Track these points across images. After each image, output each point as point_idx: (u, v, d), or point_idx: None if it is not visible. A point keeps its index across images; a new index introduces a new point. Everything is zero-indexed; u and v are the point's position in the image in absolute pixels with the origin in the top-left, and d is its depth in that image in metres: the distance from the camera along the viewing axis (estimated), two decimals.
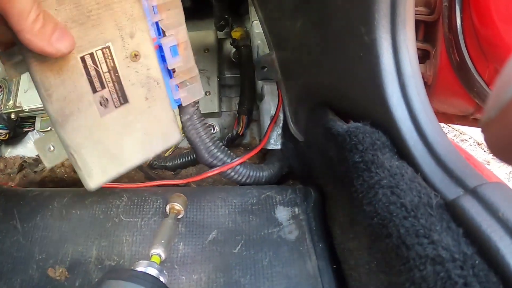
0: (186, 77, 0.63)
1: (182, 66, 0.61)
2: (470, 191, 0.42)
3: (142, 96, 0.59)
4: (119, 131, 0.59)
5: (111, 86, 0.56)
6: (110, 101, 0.56)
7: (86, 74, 0.53)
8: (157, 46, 0.58)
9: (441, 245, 0.39)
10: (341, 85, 0.65)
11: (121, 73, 0.56)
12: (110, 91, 0.56)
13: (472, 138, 2.53)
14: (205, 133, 0.72)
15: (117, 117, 0.58)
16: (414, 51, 0.54)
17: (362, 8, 0.55)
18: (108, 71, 0.55)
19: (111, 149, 0.59)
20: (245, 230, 0.69)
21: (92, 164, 0.58)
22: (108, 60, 0.54)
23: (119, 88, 0.56)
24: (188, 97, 0.65)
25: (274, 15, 0.91)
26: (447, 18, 0.74)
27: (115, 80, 0.56)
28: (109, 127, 0.58)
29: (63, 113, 0.53)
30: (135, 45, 0.55)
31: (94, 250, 0.66)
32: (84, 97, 0.54)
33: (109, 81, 0.55)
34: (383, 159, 0.51)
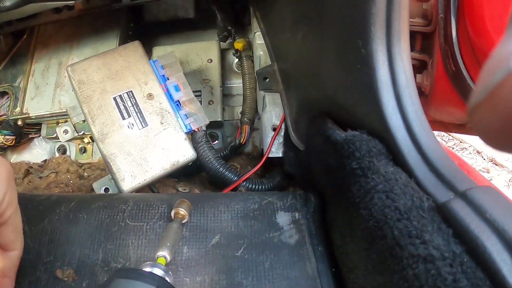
0: (191, 108, 0.87)
1: (184, 97, 0.87)
2: (460, 194, 0.45)
3: (158, 121, 0.85)
4: (143, 146, 0.83)
5: (135, 115, 0.84)
6: (135, 125, 0.84)
7: (117, 108, 0.84)
8: (166, 90, 0.88)
9: (432, 245, 0.41)
10: (340, 96, 0.67)
11: (141, 106, 0.85)
12: (134, 118, 0.84)
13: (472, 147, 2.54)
14: (213, 155, 0.88)
15: (141, 136, 0.84)
16: (408, 62, 0.56)
17: (359, 22, 0.57)
18: (132, 105, 0.85)
19: (137, 160, 0.83)
20: (247, 234, 0.70)
21: (124, 171, 0.82)
22: (132, 99, 0.85)
23: (140, 117, 0.85)
24: (195, 123, 0.86)
25: (275, 27, 0.93)
26: (443, 29, 0.76)
27: (137, 111, 0.85)
28: (136, 142, 0.83)
29: (102, 132, 0.83)
30: (149, 88, 0.87)
31: (101, 252, 0.67)
32: (117, 122, 0.83)
33: (133, 112, 0.85)
34: (378, 165, 0.53)
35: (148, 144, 0.84)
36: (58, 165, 1.09)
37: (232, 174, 0.88)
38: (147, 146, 0.84)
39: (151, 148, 0.84)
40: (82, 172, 1.06)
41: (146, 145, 0.84)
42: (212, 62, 1.12)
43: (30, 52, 1.13)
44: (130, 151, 0.83)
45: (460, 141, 2.58)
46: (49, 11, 1.04)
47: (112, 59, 0.88)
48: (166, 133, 0.85)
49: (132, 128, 0.84)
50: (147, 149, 0.84)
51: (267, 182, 0.91)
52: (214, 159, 0.87)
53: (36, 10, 0.93)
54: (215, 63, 1.12)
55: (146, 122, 0.85)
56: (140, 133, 0.84)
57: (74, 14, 1.07)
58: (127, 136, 0.83)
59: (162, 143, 0.84)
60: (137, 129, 0.84)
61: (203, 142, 0.87)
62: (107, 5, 1.06)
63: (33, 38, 1.14)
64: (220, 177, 0.87)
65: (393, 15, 0.54)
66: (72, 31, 1.14)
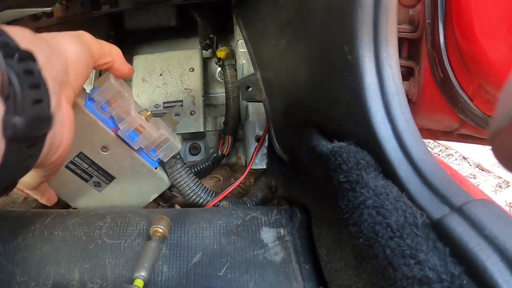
0: (154, 145, 0.75)
1: (145, 142, 0.72)
2: (456, 209, 0.42)
3: (124, 169, 0.76)
4: (119, 195, 0.80)
5: (96, 174, 0.75)
6: (101, 182, 0.77)
7: (74, 173, 0.75)
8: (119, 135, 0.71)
9: (427, 266, 0.38)
10: (326, 104, 0.65)
11: (99, 163, 0.74)
12: (98, 176, 0.76)
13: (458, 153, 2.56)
14: (189, 178, 0.82)
15: (112, 188, 0.78)
16: (397, 69, 0.54)
17: (345, 27, 0.55)
18: (89, 166, 0.74)
19: (117, 204, 0.81)
20: (230, 252, 0.68)
21: None
22: (86, 159, 0.73)
23: (103, 173, 0.76)
24: (166, 155, 0.77)
25: (258, 34, 0.91)
26: (430, 35, 0.74)
27: (97, 169, 0.75)
28: (110, 195, 0.79)
29: (73, 196, 0.79)
30: (99, 141, 0.71)
31: (77, 272, 0.65)
32: (82, 186, 0.77)
33: (93, 171, 0.75)
34: (368, 178, 0.50)
35: (122, 192, 0.80)
36: None
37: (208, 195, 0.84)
38: (122, 193, 0.80)
39: (126, 194, 0.81)
40: None
41: (121, 194, 0.80)
42: (194, 71, 1.10)
43: None
44: (108, 202, 0.81)
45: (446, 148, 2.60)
46: (27, 18, 1.02)
47: None
48: (137, 177, 0.78)
49: (100, 186, 0.78)
50: (123, 195, 0.81)
51: (249, 201, 0.87)
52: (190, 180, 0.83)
53: (13, 16, 0.91)
54: (197, 72, 1.10)
55: (111, 175, 0.77)
56: (110, 187, 0.78)
57: (53, 21, 1.05)
58: (98, 194, 0.79)
59: (136, 186, 0.80)
60: (105, 185, 0.78)
61: (178, 167, 0.82)
62: (86, 12, 1.05)
63: None
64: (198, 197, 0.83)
65: (380, 20, 0.53)
66: None
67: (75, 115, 0.57)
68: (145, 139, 0.70)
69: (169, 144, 0.74)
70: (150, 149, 0.74)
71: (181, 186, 0.81)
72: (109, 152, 0.72)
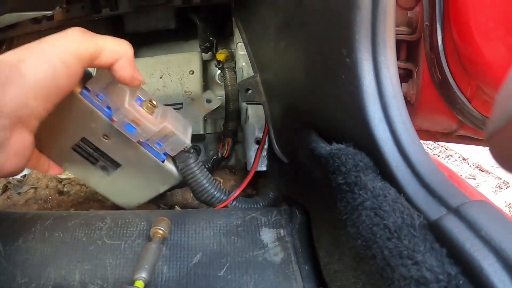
0: (158, 138, 0.71)
1: (144, 135, 0.68)
2: (453, 210, 0.42)
3: (129, 158, 0.74)
4: (128, 182, 0.78)
5: (101, 159, 0.74)
6: (108, 167, 0.75)
7: (81, 156, 0.73)
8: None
9: (425, 266, 0.38)
10: (324, 107, 0.65)
11: (103, 149, 0.72)
12: (103, 161, 0.74)
13: (458, 154, 2.55)
14: (202, 174, 0.78)
15: (120, 174, 0.76)
16: (395, 71, 0.55)
17: (343, 30, 0.55)
18: (93, 151, 0.72)
19: (126, 191, 0.81)
20: (230, 253, 0.68)
21: (118, 201, 0.83)
22: (90, 144, 0.71)
23: (107, 159, 0.74)
24: (172, 149, 0.73)
25: (257, 37, 0.91)
26: (428, 37, 0.75)
27: (101, 154, 0.73)
28: (119, 181, 0.78)
29: (84, 175, 0.78)
30: (101, 130, 0.69)
31: (77, 273, 0.65)
32: (91, 168, 0.75)
33: (98, 156, 0.73)
34: (366, 180, 0.50)
35: (130, 179, 0.78)
36: (37, 180, 1.08)
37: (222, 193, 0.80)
38: (130, 180, 0.78)
39: (133, 181, 0.78)
40: (61, 188, 1.05)
41: (128, 180, 0.78)
42: (193, 73, 1.11)
43: None
44: (116, 186, 0.79)
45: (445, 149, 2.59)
46: (28, 21, 1.02)
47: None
48: (143, 167, 0.75)
49: (108, 170, 0.76)
50: (130, 182, 0.78)
51: (261, 200, 0.86)
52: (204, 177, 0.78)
53: (14, 20, 0.91)
54: (197, 75, 1.11)
55: (116, 162, 0.74)
56: (117, 172, 0.76)
57: (54, 24, 1.05)
58: (107, 176, 0.77)
59: (143, 176, 0.77)
60: (112, 170, 0.76)
61: (190, 162, 0.76)
62: (87, 15, 1.05)
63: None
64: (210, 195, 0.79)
65: (378, 22, 0.53)
66: None
67: (72, 102, 0.64)
68: (143, 132, 0.67)
69: (175, 139, 0.70)
70: (154, 141, 0.71)
71: (193, 183, 0.77)
72: (111, 140, 0.70)
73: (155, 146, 0.72)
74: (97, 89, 0.64)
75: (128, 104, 0.64)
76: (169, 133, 0.69)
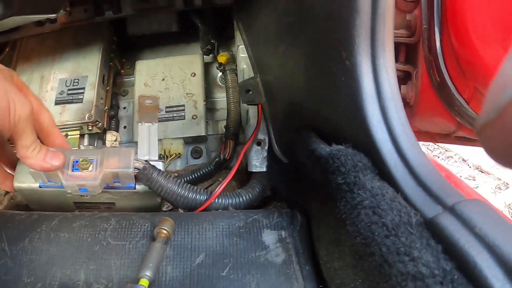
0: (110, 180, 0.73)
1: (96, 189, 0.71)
2: (449, 208, 0.43)
3: (113, 198, 0.79)
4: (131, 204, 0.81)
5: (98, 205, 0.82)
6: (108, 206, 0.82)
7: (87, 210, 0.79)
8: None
9: (421, 262, 0.40)
10: (324, 108, 0.66)
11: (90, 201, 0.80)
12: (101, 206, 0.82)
13: (458, 155, 2.56)
14: (170, 183, 0.75)
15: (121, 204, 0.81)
16: (393, 74, 0.55)
17: (343, 33, 0.56)
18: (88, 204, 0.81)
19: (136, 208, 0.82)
20: (233, 253, 0.69)
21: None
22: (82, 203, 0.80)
23: (102, 204, 0.81)
24: (127, 181, 0.75)
25: (258, 39, 0.92)
26: (427, 40, 0.75)
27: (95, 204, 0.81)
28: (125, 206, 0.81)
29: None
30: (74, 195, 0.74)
31: (82, 273, 0.65)
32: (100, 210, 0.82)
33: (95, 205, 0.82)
34: (365, 180, 0.51)
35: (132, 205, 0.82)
36: None
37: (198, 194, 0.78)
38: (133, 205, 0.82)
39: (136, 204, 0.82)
40: None
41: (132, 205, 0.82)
42: (195, 76, 1.12)
43: (12, 65, 1.11)
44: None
45: (445, 150, 2.60)
46: (31, 24, 1.03)
47: None
48: (127, 197, 0.79)
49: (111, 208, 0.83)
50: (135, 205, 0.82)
51: (244, 194, 0.83)
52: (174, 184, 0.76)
53: (18, 23, 0.91)
54: (199, 77, 1.12)
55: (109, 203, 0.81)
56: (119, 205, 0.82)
57: (57, 27, 1.06)
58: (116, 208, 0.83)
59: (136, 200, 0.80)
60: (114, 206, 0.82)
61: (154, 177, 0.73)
62: (90, 18, 1.06)
63: (15, 52, 1.12)
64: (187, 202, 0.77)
65: (377, 26, 0.54)
66: (54, 44, 1.11)
67: (42, 193, 0.76)
68: (92, 187, 0.70)
69: (121, 174, 0.72)
70: (111, 183, 0.75)
71: (164, 194, 0.75)
72: (88, 196, 0.76)
73: (116, 183, 0.75)
74: (41, 180, 0.73)
75: (64, 180, 0.70)
76: (112, 174, 0.72)
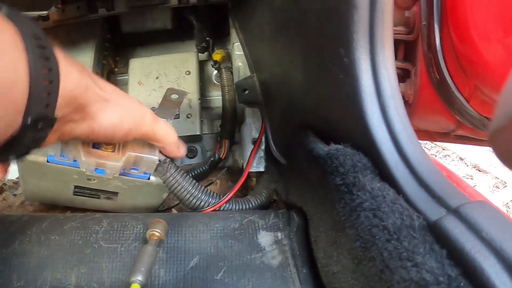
0: (130, 166, 0.74)
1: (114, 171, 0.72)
2: (453, 211, 0.42)
3: (120, 186, 0.78)
4: (133, 200, 0.83)
5: (100, 193, 0.81)
6: (110, 196, 0.81)
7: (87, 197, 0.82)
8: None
9: (425, 268, 0.38)
10: (322, 107, 0.65)
11: (94, 187, 0.79)
12: (103, 194, 0.81)
13: (455, 154, 2.55)
14: (186, 181, 0.76)
15: (122, 197, 0.82)
16: (393, 71, 0.54)
17: (341, 29, 0.55)
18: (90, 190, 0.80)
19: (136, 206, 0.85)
20: (228, 256, 0.67)
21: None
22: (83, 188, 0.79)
23: (104, 192, 0.80)
24: (147, 169, 0.75)
25: (254, 37, 0.91)
26: (426, 37, 0.74)
27: (98, 191, 0.80)
28: (126, 202, 0.83)
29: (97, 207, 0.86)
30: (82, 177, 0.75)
31: (73, 277, 0.64)
32: (97, 201, 0.83)
33: (96, 193, 0.81)
34: (364, 181, 0.50)
35: (133, 199, 0.83)
36: None
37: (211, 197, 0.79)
38: (133, 199, 0.83)
39: (136, 199, 0.83)
40: None
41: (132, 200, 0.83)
42: (190, 74, 1.10)
43: None
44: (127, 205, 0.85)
45: (443, 149, 2.60)
46: None
47: None
48: (134, 188, 0.79)
49: (112, 199, 0.82)
50: (135, 200, 0.83)
51: (253, 200, 0.84)
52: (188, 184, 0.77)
53: None
54: (193, 75, 1.10)
55: (113, 193, 0.81)
56: (120, 197, 0.82)
57: (49, 25, 1.04)
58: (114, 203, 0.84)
59: (141, 194, 0.81)
60: (115, 198, 0.82)
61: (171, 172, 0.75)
62: (83, 16, 1.04)
63: None
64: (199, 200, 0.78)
65: (376, 22, 0.52)
66: None
67: (46, 169, 0.73)
68: (112, 169, 0.70)
69: (144, 160, 0.72)
70: (129, 169, 0.75)
71: (178, 191, 0.75)
72: (96, 180, 0.76)
73: (133, 171, 0.75)
74: (55, 155, 0.70)
75: (84, 156, 0.68)
76: (135, 158, 0.72)
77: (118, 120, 0.58)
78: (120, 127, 0.59)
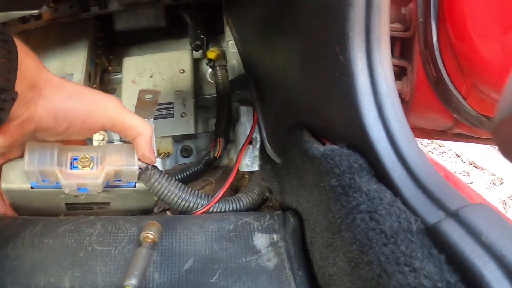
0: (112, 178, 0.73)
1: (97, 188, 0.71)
2: (452, 214, 0.41)
3: (110, 197, 0.77)
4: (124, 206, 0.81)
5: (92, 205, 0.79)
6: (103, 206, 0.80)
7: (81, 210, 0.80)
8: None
9: (423, 273, 0.37)
10: (317, 106, 0.64)
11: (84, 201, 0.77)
12: (96, 206, 0.79)
13: (452, 150, 2.55)
14: (172, 185, 0.75)
15: (115, 205, 0.80)
16: (390, 69, 0.54)
17: (336, 27, 0.54)
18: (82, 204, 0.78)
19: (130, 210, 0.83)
20: (223, 258, 0.67)
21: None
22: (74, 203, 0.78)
23: (97, 204, 0.79)
24: (130, 179, 0.74)
25: (248, 35, 0.91)
26: (423, 34, 0.74)
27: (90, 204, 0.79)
28: (118, 208, 0.81)
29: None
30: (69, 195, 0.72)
31: (67, 280, 0.63)
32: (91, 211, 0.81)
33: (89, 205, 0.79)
34: (360, 182, 0.49)
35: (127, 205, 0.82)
36: None
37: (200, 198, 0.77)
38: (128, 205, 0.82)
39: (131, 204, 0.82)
40: None
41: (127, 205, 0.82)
42: (184, 72, 1.09)
43: None
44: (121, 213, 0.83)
45: (439, 145, 2.59)
46: (15, 21, 1.01)
47: None
48: (124, 196, 0.79)
49: (105, 208, 0.81)
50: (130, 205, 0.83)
51: (244, 198, 0.83)
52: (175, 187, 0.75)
53: (1, 19, 0.89)
54: (188, 74, 1.09)
55: (104, 202, 0.79)
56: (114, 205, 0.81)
57: (42, 24, 1.04)
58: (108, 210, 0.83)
59: (132, 199, 0.80)
60: (108, 206, 0.81)
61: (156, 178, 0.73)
62: (75, 14, 1.04)
63: None
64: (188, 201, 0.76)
65: (372, 20, 0.52)
66: (39, 41, 1.10)
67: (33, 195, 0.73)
68: (94, 187, 0.70)
69: (124, 172, 0.72)
70: (112, 181, 0.74)
71: (165, 196, 0.74)
72: (83, 196, 0.75)
73: (117, 182, 0.74)
74: (36, 181, 0.70)
75: (64, 180, 0.68)
76: (115, 171, 0.71)
77: (73, 103, 0.63)
78: (77, 112, 0.63)
